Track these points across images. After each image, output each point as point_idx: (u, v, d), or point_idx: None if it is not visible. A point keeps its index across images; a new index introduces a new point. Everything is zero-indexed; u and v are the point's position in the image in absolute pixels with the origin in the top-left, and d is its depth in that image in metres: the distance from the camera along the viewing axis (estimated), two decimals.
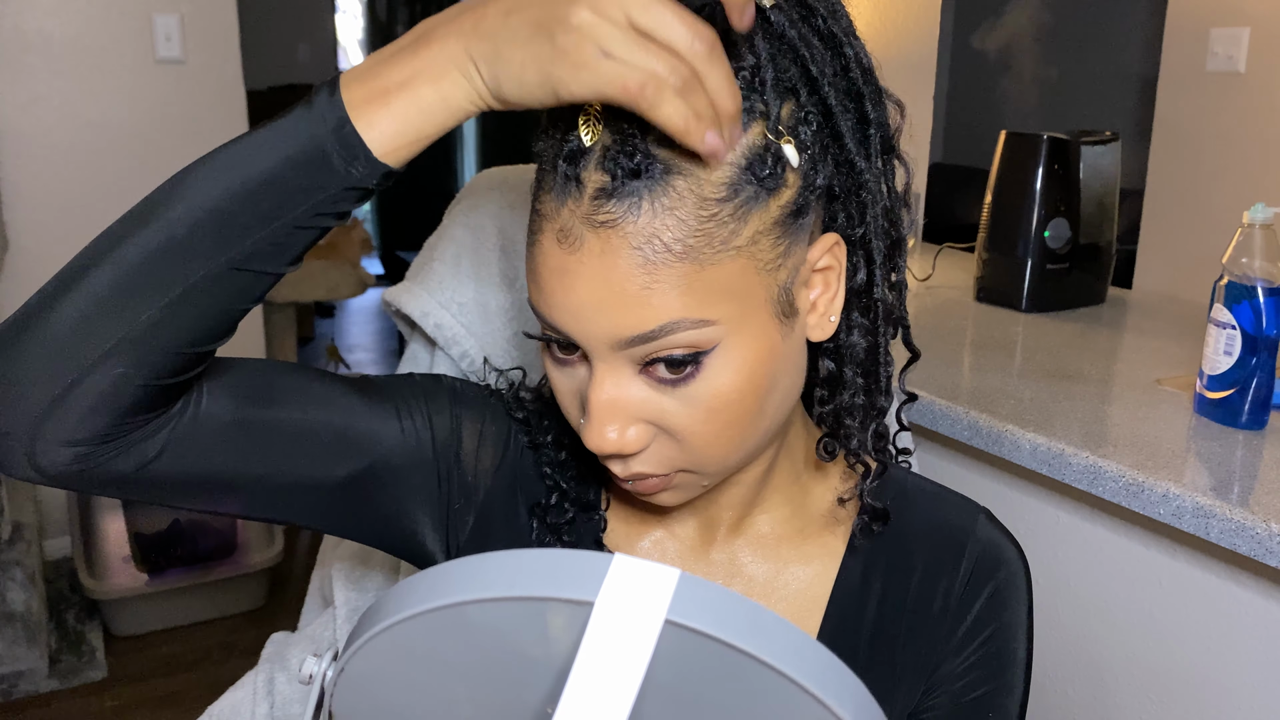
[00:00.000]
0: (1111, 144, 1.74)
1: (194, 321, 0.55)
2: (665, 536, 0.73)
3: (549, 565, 0.40)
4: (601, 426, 0.59)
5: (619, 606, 0.38)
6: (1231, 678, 1.11)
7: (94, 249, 0.55)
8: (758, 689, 0.39)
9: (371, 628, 0.43)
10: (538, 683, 0.43)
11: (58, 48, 2.63)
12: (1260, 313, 1.15)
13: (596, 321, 0.56)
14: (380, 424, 0.68)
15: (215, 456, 0.61)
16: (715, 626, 0.38)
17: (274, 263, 0.56)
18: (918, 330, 1.73)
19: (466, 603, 0.40)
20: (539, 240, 0.57)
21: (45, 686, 2.35)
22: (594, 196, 0.55)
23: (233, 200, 0.54)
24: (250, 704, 0.90)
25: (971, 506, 0.74)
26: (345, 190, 0.55)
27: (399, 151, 0.55)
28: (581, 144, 0.55)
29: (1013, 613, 0.71)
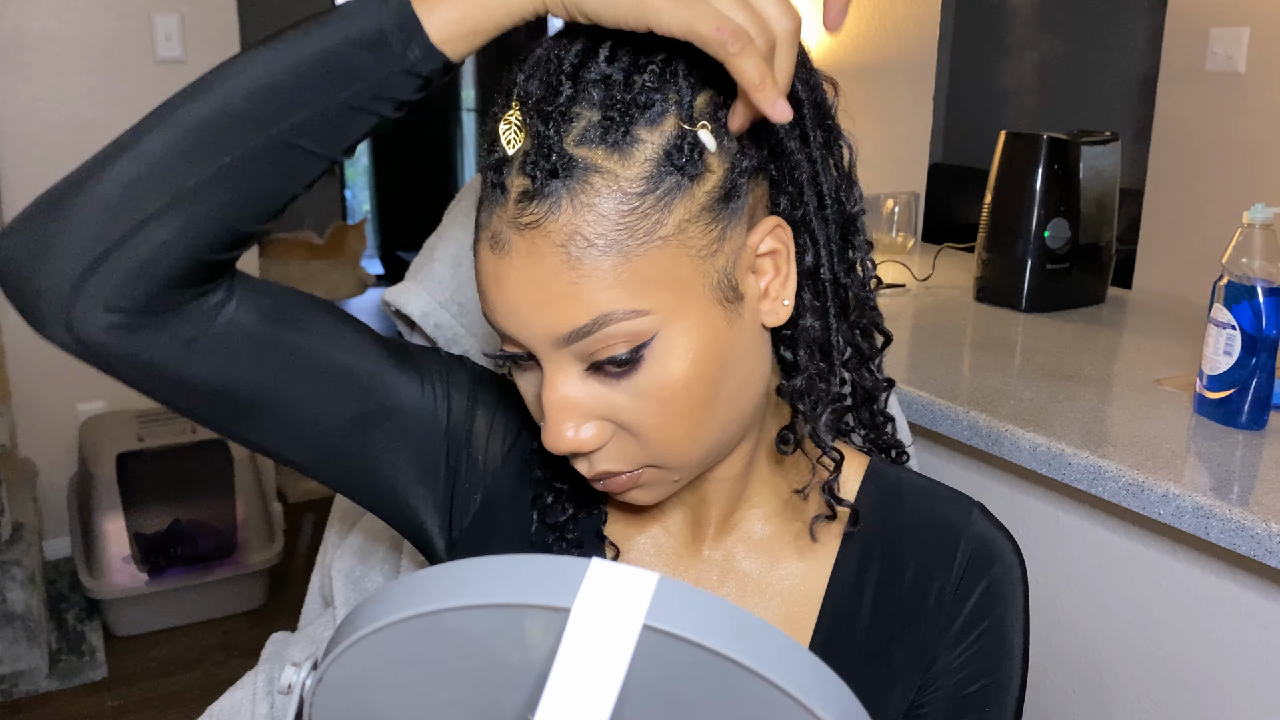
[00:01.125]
0: (1111, 144, 1.74)
1: (241, 194, 0.56)
2: (660, 533, 0.73)
3: (526, 572, 0.40)
4: (556, 426, 0.60)
5: (596, 612, 0.38)
6: (1231, 678, 1.11)
7: (151, 116, 0.55)
8: (738, 692, 0.39)
9: (349, 636, 0.43)
10: (518, 688, 0.43)
11: (58, 48, 2.63)
12: (1260, 313, 1.15)
13: (532, 321, 0.57)
14: (402, 383, 0.69)
15: (240, 366, 0.62)
16: (693, 630, 0.38)
17: (326, 144, 0.57)
18: (918, 330, 1.74)
19: (443, 610, 0.40)
20: (477, 250, 0.59)
21: (45, 686, 2.35)
22: (517, 200, 0.56)
23: (290, 74, 0.54)
24: (250, 704, 0.90)
25: (965, 501, 0.74)
26: (401, 74, 0.55)
27: (456, 42, 0.55)
28: (505, 153, 0.57)
29: (1008, 606, 0.71)
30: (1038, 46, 4.51)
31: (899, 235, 2.24)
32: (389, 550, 0.96)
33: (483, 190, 0.59)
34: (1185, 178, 2.65)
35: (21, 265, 0.56)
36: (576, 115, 0.56)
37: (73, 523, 2.70)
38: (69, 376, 2.77)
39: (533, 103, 0.56)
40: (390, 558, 0.96)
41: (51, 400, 2.77)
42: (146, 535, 2.57)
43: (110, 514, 2.55)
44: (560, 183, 0.55)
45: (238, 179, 0.55)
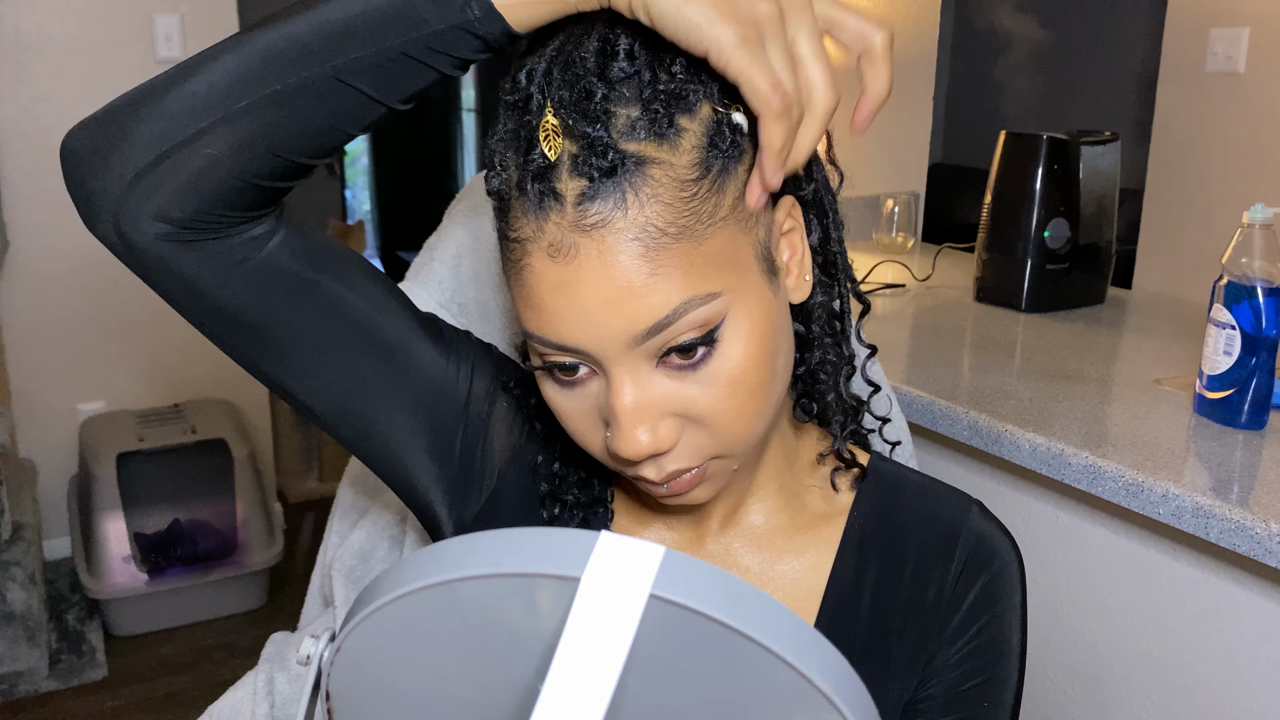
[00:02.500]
0: (1111, 144, 1.74)
1: (291, 122, 0.57)
2: (663, 529, 0.74)
3: (537, 543, 0.41)
4: (633, 431, 0.58)
5: (604, 582, 0.39)
6: (1231, 678, 1.11)
7: (224, 41, 0.57)
8: (740, 662, 0.40)
9: (366, 606, 0.45)
10: (528, 658, 0.44)
11: (58, 48, 2.63)
12: (1260, 313, 1.16)
13: (608, 324, 0.56)
14: (426, 351, 0.70)
15: (274, 301, 0.63)
16: (698, 600, 0.39)
17: (380, 88, 0.57)
18: (918, 330, 1.74)
19: (456, 580, 0.41)
20: (527, 264, 0.58)
21: (45, 686, 2.35)
22: (576, 203, 0.55)
23: (354, 15, 0.56)
24: (250, 704, 0.90)
25: (964, 498, 0.75)
26: (460, 30, 0.56)
27: (518, 8, 0.55)
28: (547, 159, 0.56)
29: (1006, 603, 0.71)
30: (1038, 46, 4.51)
31: (899, 235, 2.24)
32: (389, 550, 0.96)
33: (514, 205, 0.58)
34: (1185, 178, 2.65)
35: (82, 160, 0.58)
36: (616, 113, 0.56)
37: (73, 523, 2.70)
38: (69, 376, 2.77)
39: (569, 106, 0.56)
40: (390, 558, 0.96)
41: (51, 400, 2.77)
42: (146, 535, 2.57)
43: (110, 514, 2.55)
44: (619, 179, 0.55)
45: (289, 106, 0.56)
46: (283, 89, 0.56)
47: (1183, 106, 2.64)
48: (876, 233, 2.29)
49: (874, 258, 2.12)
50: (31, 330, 2.67)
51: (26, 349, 2.69)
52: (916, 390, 1.33)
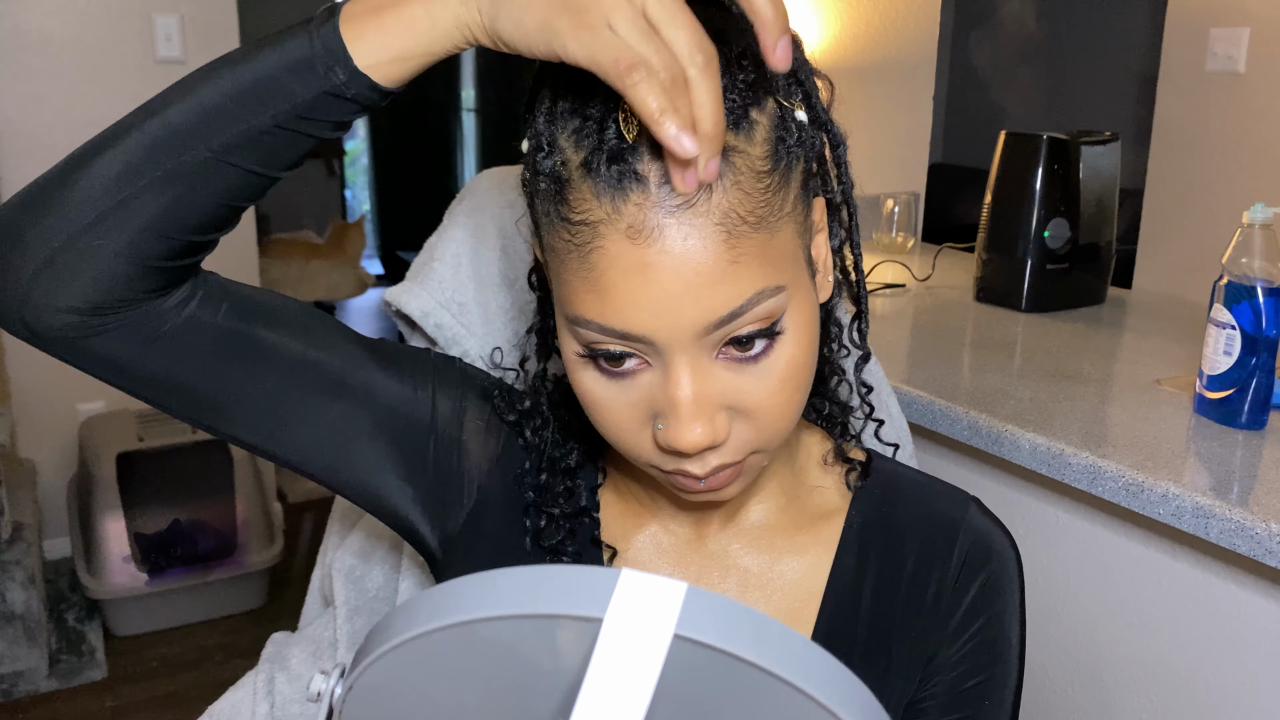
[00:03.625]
0: (1111, 144, 1.74)
1: (179, 206, 0.57)
2: (660, 531, 0.73)
3: (558, 582, 0.40)
4: (692, 424, 0.57)
5: (627, 622, 0.38)
6: (1231, 678, 1.11)
7: (101, 135, 0.58)
8: (767, 700, 0.40)
9: (380, 646, 0.44)
10: (549, 693, 0.43)
11: (58, 48, 2.63)
12: (1260, 313, 1.16)
13: (683, 311, 0.55)
14: (381, 380, 0.69)
15: (202, 363, 0.63)
16: (723, 640, 0.38)
17: (259, 161, 0.58)
18: (918, 330, 1.74)
19: (475, 621, 0.41)
20: (600, 247, 0.56)
21: (45, 686, 2.35)
22: (660, 184, 0.54)
23: (224, 96, 0.57)
24: (250, 704, 0.90)
25: (962, 496, 0.75)
26: (329, 96, 0.56)
27: (384, 67, 0.56)
28: (626, 140, 0.55)
29: (1005, 601, 0.72)
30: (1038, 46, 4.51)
31: (899, 235, 2.24)
32: (389, 550, 0.96)
33: (581, 186, 0.56)
34: (1185, 178, 2.65)
35: None
36: None
37: (72, 523, 2.70)
38: (69, 376, 2.76)
39: None
40: (390, 557, 0.96)
41: (51, 400, 2.77)
42: (146, 535, 2.57)
43: (110, 514, 2.55)
44: (722, 158, 0.55)
45: (173, 192, 0.57)
46: (164, 175, 0.56)
47: (1183, 106, 2.64)
48: (876, 233, 2.29)
49: (874, 258, 2.12)
50: None
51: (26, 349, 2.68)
52: (916, 390, 1.33)
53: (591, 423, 0.63)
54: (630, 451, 0.62)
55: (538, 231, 0.62)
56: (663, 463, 0.61)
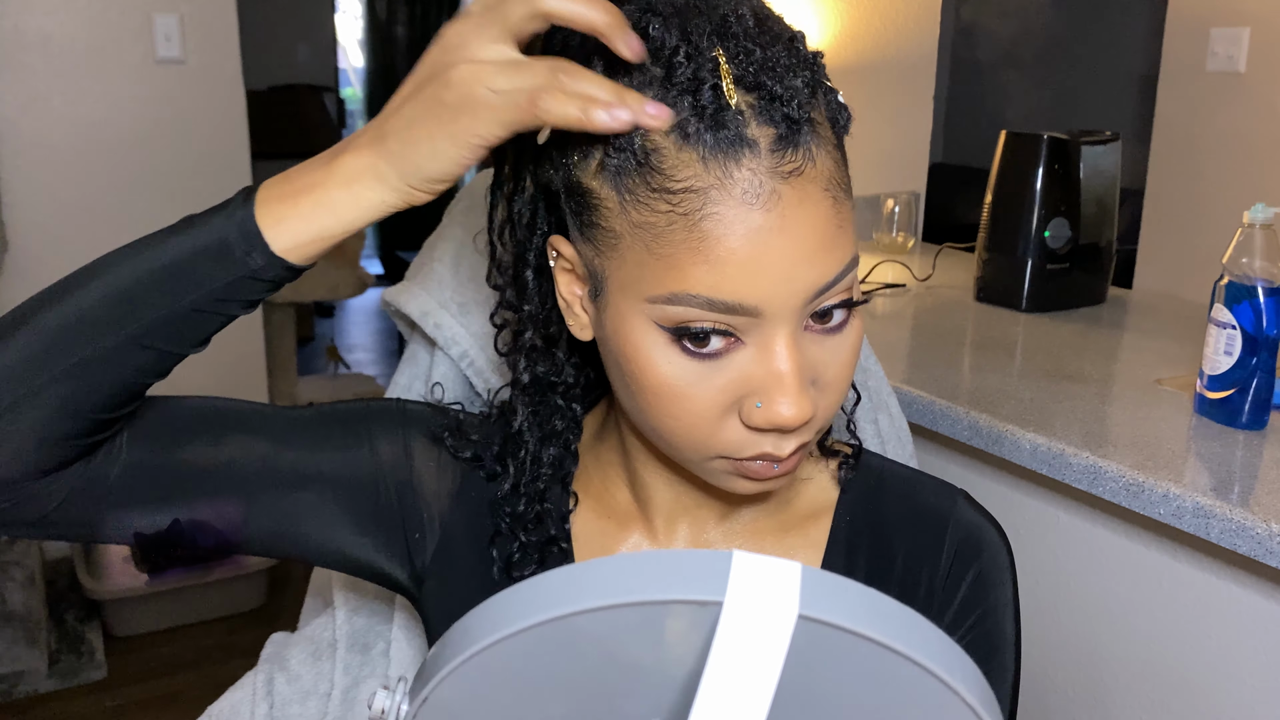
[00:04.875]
0: (1111, 144, 1.74)
1: (92, 390, 0.58)
2: (643, 540, 0.72)
3: (665, 567, 0.39)
4: (799, 396, 0.57)
5: (749, 604, 0.37)
6: (1231, 678, 1.11)
7: (11, 317, 0.58)
8: (886, 678, 0.39)
9: (459, 653, 0.41)
10: (643, 693, 0.41)
11: (58, 48, 2.63)
12: (1260, 313, 1.15)
13: (797, 277, 0.55)
14: (325, 453, 0.69)
15: (125, 503, 0.64)
16: (846, 618, 0.37)
17: (177, 343, 0.59)
18: (918, 330, 1.74)
19: (579, 613, 0.39)
20: (715, 213, 0.54)
21: (45, 686, 2.35)
22: (772, 149, 0.54)
23: (139, 283, 0.57)
24: (250, 704, 0.90)
25: (949, 489, 0.74)
26: (244, 279, 0.57)
27: (301, 249, 0.57)
28: (728, 106, 0.54)
29: (998, 594, 0.71)
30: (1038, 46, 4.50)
31: (899, 235, 2.24)
32: None
33: (686, 151, 0.54)
34: (1185, 178, 2.65)
35: None
36: (788, 70, 0.56)
37: None
38: None
39: (740, 57, 0.55)
40: None
41: None
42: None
43: None
44: (806, 131, 0.55)
45: (87, 377, 0.57)
46: (79, 361, 0.57)
47: (1183, 106, 2.64)
48: (877, 232, 2.29)
49: (874, 257, 2.12)
50: None
51: None
52: (916, 390, 1.33)
53: (654, 420, 0.60)
54: (699, 444, 0.60)
55: (587, 216, 0.59)
56: (742, 449, 0.59)
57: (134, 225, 3.06)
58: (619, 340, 0.59)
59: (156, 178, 2.71)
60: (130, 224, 2.67)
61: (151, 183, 2.70)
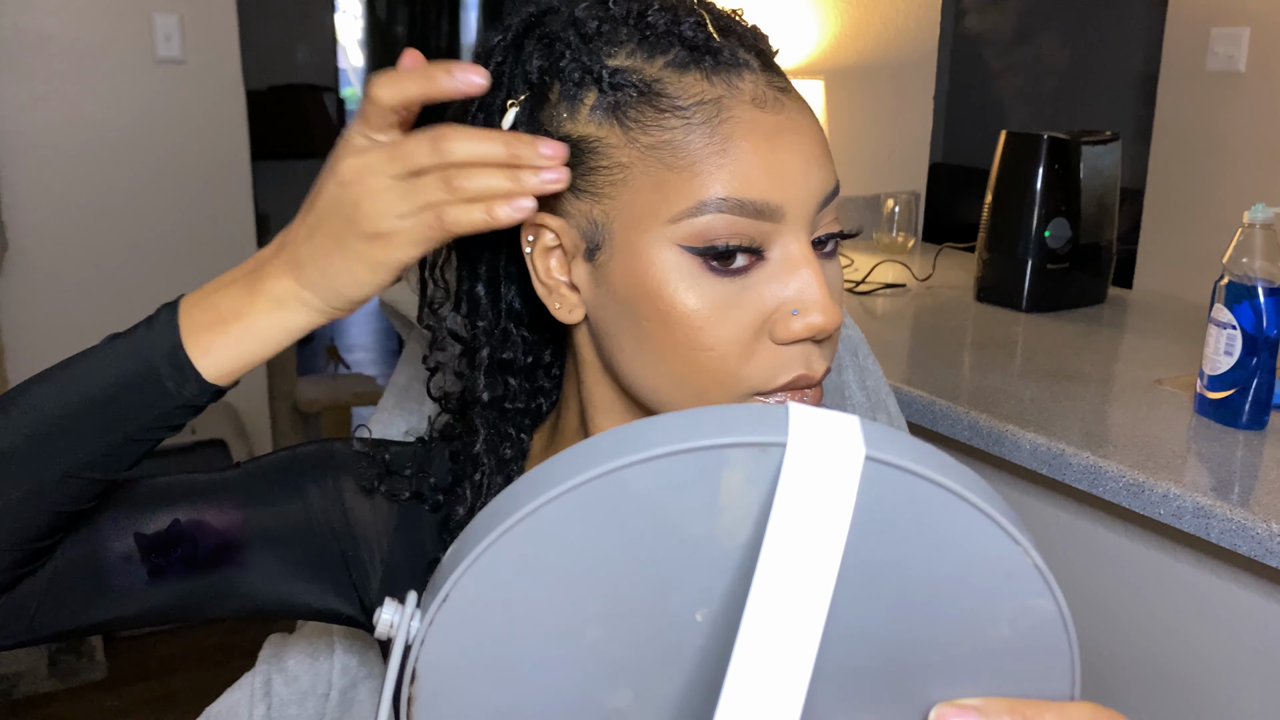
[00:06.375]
0: (1111, 144, 1.74)
1: (21, 522, 0.57)
2: None
3: (721, 417, 0.37)
4: (830, 299, 0.58)
5: (814, 446, 0.36)
6: (1231, 678, 1.11)
7: None
8: (954, 529, 0.38)
9: (496, 528, 0.37)
10: (691, 578, 0.38)
11: (58, 48, 2.63)
12: (1260, 313, 1.15)
13: (811, 175, 0.58)
14: (259, 516, 0.69)
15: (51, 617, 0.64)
16: (912, 461, 0.37)
17: (109, 470, 0.58)
18: (918, 330, 1.74)
19: (634, 464, 0.36)
20: (732, 117, 0.57)
21: (45, 686, 2.35)
22: (764, 68, 0.60)
23: (68, 416, 0.56)
24: (248, 705, 0.90)
25: None
26: (176, 409, 0.57)
27: (229, 375, 0.58)
28: (714, 37, 0.59)
29: None
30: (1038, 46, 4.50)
31: (899, 235, 2.24)
32: None
33: (690, 73, 0.58)
34: (1185, 178, 2.65)
35: None
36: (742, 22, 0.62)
37: None
38: None
39: (715, 12, 0.61)
40: None
41: None
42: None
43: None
44: (778, 65, 0.61)
45: (21, 514, 0.57)
46: (12, 502, 0.56)
47: (1183, 106, 2.64)
48: (877, 232, 2.29)
49: (874, 257, 2.12)
50: (31, 330, 2.67)
51: (26, 349, 2.68)
52: (916, 390, 1.33)
53: (682, 362, 0.59)
54: (731, 377, 0.59)
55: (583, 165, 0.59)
56: (776, 375, 0.59)
57: (134, 225, 3.04)
58: (635, 283, 0.59)
59: (156, 178, 2.70)
60: (130, 224, 2.67)
61: (151, 183, 2.70)
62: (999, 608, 0.39)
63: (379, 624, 0.41)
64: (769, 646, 0.34)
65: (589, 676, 0.41)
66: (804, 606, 0.34)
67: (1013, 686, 0.41)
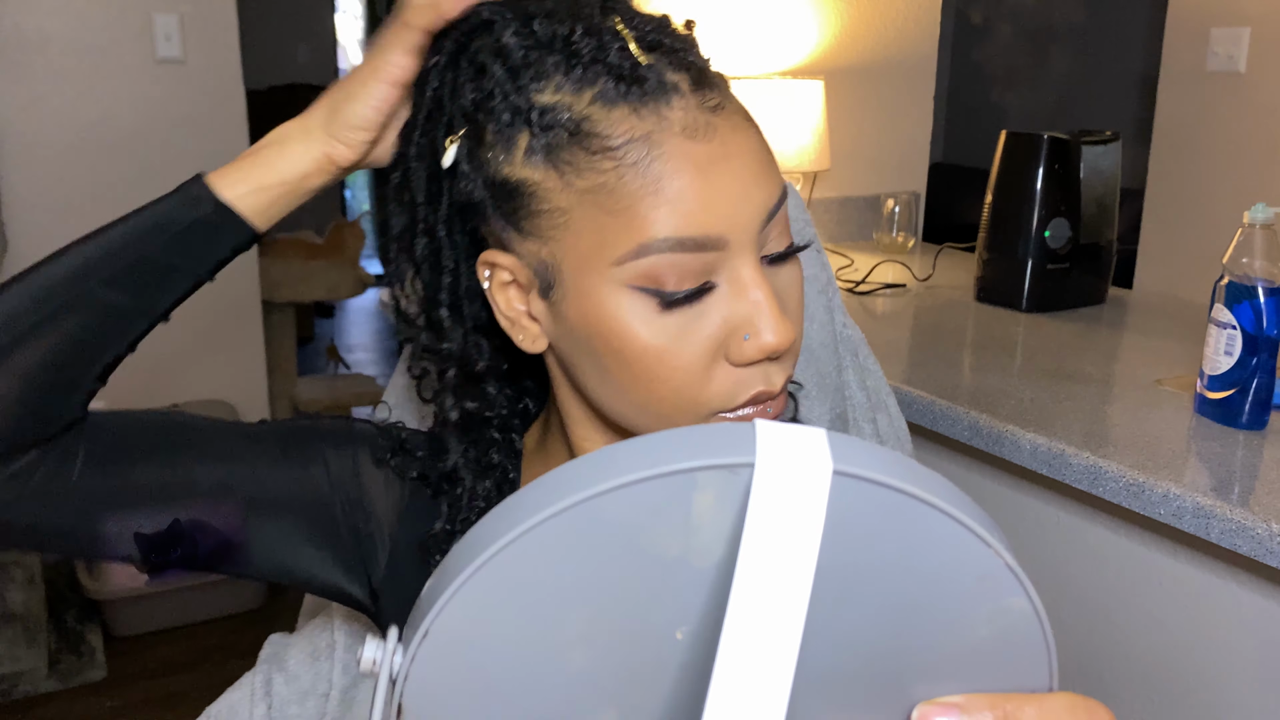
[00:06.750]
0: (1111, 144, 1.74)
1: (69, 341, 0.61)
2: None
3: (688, 440, 0.37)
4: (781, 318, 0.58)
5: (782, 464, 0.36)
6: (1231, 678, 1.11)
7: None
8: (925, 538, 0.38)
9: (471, 562, 0.38)
10: (669, 597, 0.39)
11: (58, 48, 2.63)
12: (1261, 313, 1.15)
13: (750, 199, 0.57)
14: (277, 473, 0.69)
15: (78, 514, 0.67)
16: (880, 473, 0.36)
17: (144, 295, 0.63)
18: (918, 330, 1.74)
19: (605, 491, 0.36)
20: (662, 154, 0.56)
21: (45, 687, 2.35)
22: (694, 89, 0.58)
23: (111, 240, 0.63)
24: (248, 705, 0.90)
25: None
26: (198, 224, 0.63)
27: (242, 199, 0.63)
28: (640, 63, 0.57)
29: None
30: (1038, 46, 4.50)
31: (899, 235, 2.24)
32: None
33: (618, 109, 0.57)
34: (1185, 178, 2.65)
35: None
36: (674, 30, 0.61)
37: None
38: None
39: (637, 24, 0.60)
40: None
41: None
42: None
43: None
44: (711, 74, 0.60)
45: (66, 325, 0.61)
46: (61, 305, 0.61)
47: (1183, 106, 2.64)
48: (877, 233, 2.29)
49: (874, 258, 2.12)
50: None
51: None
52: (917, 390, 1.33)
53: (642, 393, 0.60)
54: (692, 403, 0.60)
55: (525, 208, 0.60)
56: (735, 395, 0.59)
57: None
58: (589, 322, 0.59)
59: (156, 178, 2.69)
60: None
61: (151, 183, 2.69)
62: (975, 609, 0.40)
63: (362, 661, 0.41)
64: (749, 660, 0.35)
65: (573, 700, 0.41)
66: (781, 620, 0.35)
67: (992, 682, 0.42)
